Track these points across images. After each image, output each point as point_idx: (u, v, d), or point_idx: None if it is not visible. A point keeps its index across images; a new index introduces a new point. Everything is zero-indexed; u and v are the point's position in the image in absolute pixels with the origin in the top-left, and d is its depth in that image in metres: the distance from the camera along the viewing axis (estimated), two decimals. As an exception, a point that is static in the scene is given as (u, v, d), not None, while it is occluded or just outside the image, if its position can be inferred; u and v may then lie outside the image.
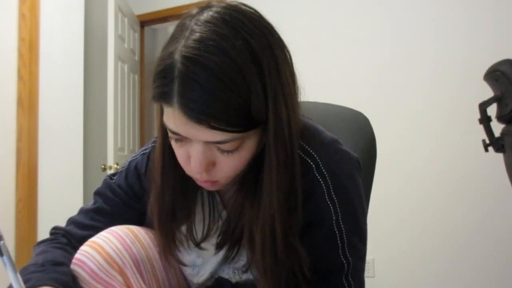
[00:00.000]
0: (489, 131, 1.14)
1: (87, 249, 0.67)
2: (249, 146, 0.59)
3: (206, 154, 0.58)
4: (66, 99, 2.57)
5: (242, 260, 0.69)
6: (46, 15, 2.41)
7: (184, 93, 0.52)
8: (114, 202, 0.77)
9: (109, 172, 2.64)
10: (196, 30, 0.54)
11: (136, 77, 3.46)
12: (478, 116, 1.16)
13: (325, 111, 0.96)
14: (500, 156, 1.16)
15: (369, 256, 1.11)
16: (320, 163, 0.64)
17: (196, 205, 0.72)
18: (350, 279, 0.64)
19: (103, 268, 0.66)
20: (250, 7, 0.60)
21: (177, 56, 0.53)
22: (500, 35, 2.40)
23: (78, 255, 0.67)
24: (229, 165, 0.60)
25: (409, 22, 2.63)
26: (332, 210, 0.63)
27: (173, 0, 3.40)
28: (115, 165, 2.67)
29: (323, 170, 0.64)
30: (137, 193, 0.77)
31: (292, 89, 0.61)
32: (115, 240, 0.69)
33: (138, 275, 0.70)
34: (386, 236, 2.51)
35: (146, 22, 3.70)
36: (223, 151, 0.58)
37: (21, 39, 2.25)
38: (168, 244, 0.70)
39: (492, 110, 1.15)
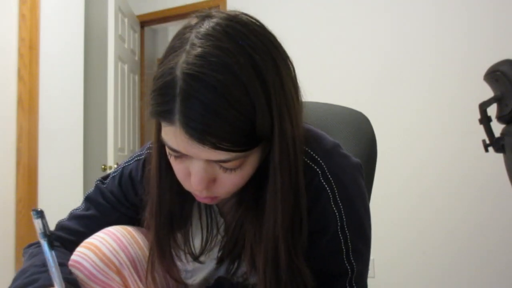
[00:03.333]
0: (489, 131, 1.14)
1: (83, 250, 0.66)
2: (252, 162, 0.57)
3: (207, 171, 0.55)
4: (66, 99, 2.57)
5: (241, 270, 0.68)
6: (46, 15, 2.41)
7: (186, 111, 0.49)
8: (106, 209, 0.76)
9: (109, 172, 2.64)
10: (197, 44, 0.51)
11: (136, 77, 3.46)
12: (478, 116, 1.15)
13: (325, 111, 0.95)
14: (500, 156, 1.16)
15: (369, 256, 1.11)
16: (326, 169, 0.62)
17: (193, 217, 0.71)
18: (354, 284, 0.63)
19: (100, 269, 0.65)
20: (251, 17, 0.57)
21: (178, 73, 0.50)
22: (500, 35, 2.40)
23: (74, 256, 0.66)
24: (231, 182, 0.57)
25: (409, 22, 2.63)
26: (337, 216, 0.62)
27: (173, 0, 3.40)
28: (115, 165, 2.67)
29: (329, 176, 0.62)
30: (131, 201, 0.75)
31: (296, 104, 0.58)
32: (111, 241, 0.68)
33: (135, 276, 0.69)
34: (386, 236, 2.51)
35: (146, 22, 3.70)
36: (225, 169, 0.55)
37: (21, 39, 2.25)
38: (165, 258, 0.68)
39: (492, 110, 1.15)
